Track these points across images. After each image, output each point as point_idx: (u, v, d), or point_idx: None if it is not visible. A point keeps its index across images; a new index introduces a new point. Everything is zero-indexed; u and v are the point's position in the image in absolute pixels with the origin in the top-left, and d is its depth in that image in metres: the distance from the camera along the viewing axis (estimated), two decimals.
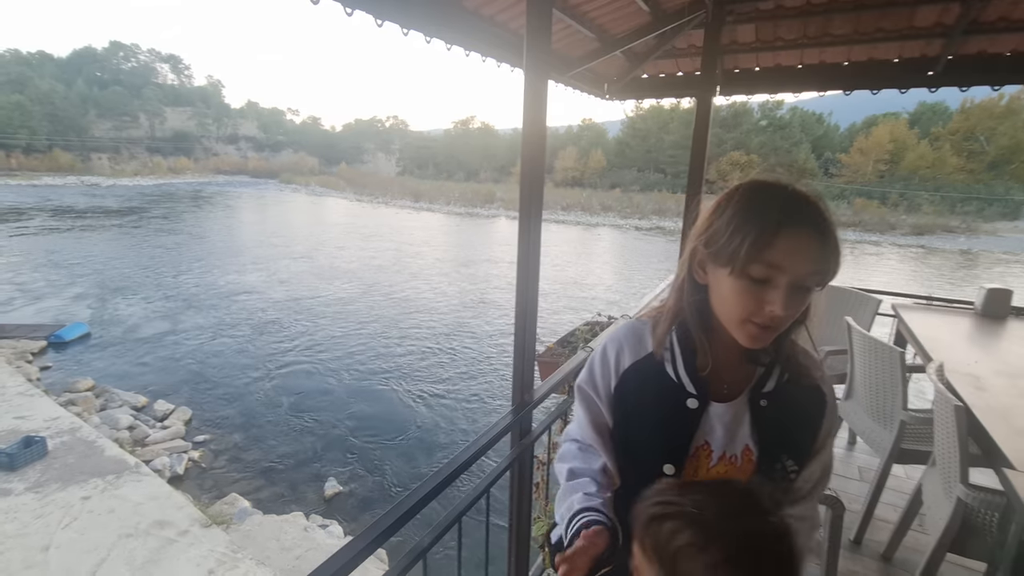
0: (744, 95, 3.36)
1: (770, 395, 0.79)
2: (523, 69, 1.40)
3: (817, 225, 0.66)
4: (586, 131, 64.00)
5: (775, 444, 0.80)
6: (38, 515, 4.92)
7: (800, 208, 0.67)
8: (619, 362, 0.85)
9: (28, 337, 9.91)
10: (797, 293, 0.68)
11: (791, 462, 0.80)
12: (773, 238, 0.65)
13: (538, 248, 1.53)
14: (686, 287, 0.78)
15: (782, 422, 0.80)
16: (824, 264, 0.67)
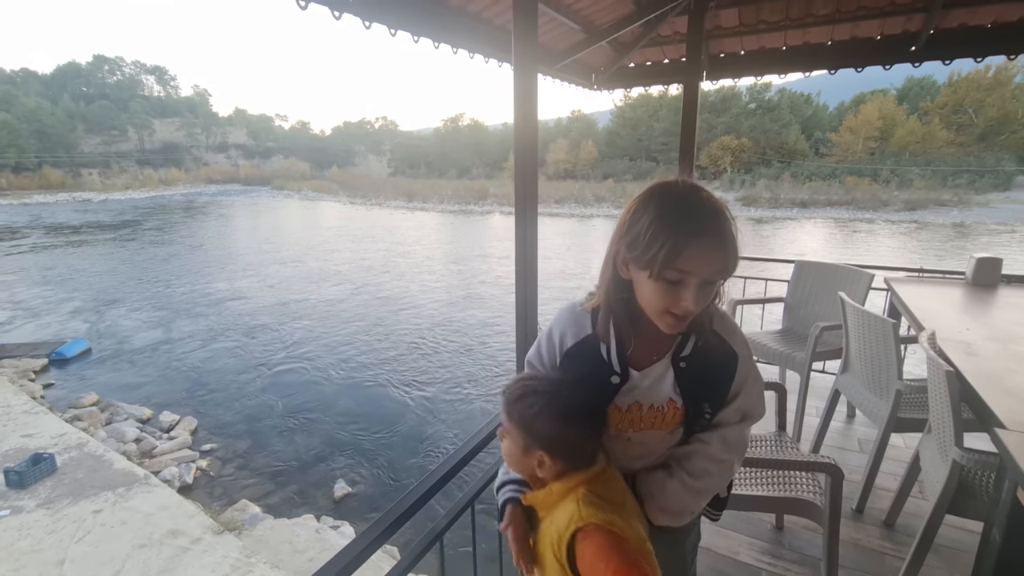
0: (730, 79, 3.39)
1: (687, 358, 0.96)
2: (512, 64, 1.42)
3: (719, 234, 0.79)
4: (576, 123, 63.89)
5: (696, 395, 0.98)
6: (51, 530, 4.95)
7: (704, 219, 0.79)
8: (563, 342, 1.02)
9: (29, 355, 9.92)
10: (705, 287, 0.81)
11: (707, 407, 0.99)
12: (683, 249, 0.77)
13: (535, 239, 1.56)
14: (613, 283, 0.92)
15: (700, 378, 0.98)
16: (725, 264, 0.80)
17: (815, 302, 3.11)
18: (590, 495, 0.83)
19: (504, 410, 0.91)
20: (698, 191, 0.81)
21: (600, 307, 0.97)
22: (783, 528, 2.08)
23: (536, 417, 0.87)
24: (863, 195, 36.63)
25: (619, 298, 0.92)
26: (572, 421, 0.87)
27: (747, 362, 1.01)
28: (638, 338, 0.96)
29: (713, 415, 1.00)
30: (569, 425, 0.87)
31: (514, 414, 0.89)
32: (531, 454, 0.88)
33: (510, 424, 0.91)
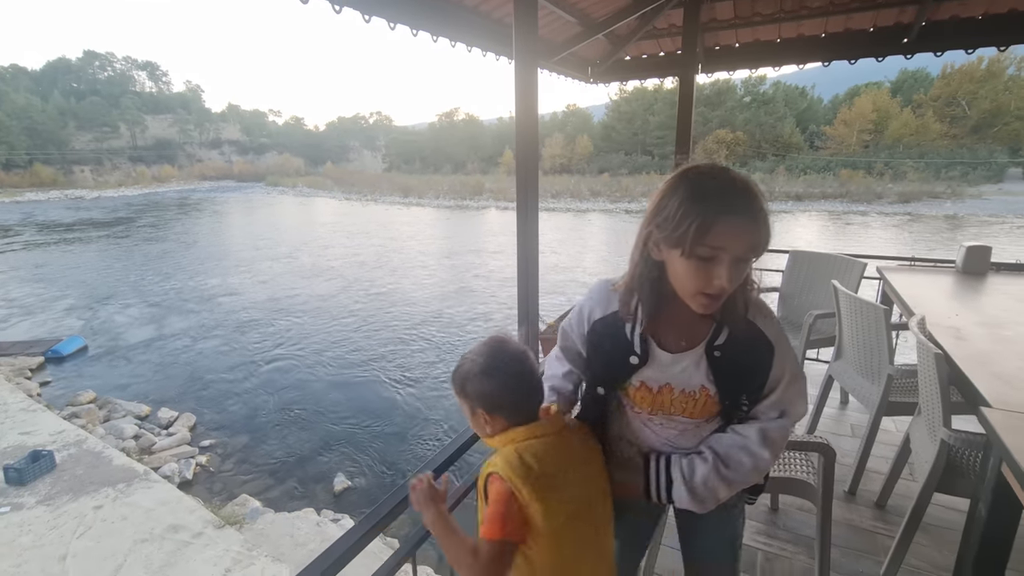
0: (726, 72, 3.41)
1: (722, 347, 0.95)
2: (512, 58, 1.44)
3: (750, 210, 0.80)
4: (571, 117, 63.80)
5: (731, 386, 0.98)
6: (52, 526, 4.96)
7: (734, 195, 0.80)
8: (591, 315, 1.06)
9: (25, 353, 9.87)
10: (738, 265, 0.81)
11: (745, 399, 0.99)
12: (714, 224, 0.78)
13: (536, 230, 1.59)
14: (641, 265, 0.93)
15: (734, 368, 0.97)
16: (757, 240, 0.80)
17: (809, 291, 3.16)
18: (518, 452, 0.94)
19: (452, 383, 1.04)
20: (728, 170, 0.83)
21: (626, 288, 0.99)
22: (778, 509, 2.14)
23: (467, 379, 0.99)
24: (857, 188, 36.82)
25: (647, 279, 0.93)
26: (498, 378, 0.97)
27: (785, 354, 0.98)
28: (669, 322, 0.97)
29: (750, 408, 1.00)
30: (496, 381, 0.97)
31: (455, 382, 1.02)
32: (476, 415, 1.01)
33: (455, 393, 1.03)
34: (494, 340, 1.03)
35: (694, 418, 1.01)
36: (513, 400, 1.00)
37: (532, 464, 0.91)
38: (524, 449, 0.94)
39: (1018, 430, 1.16)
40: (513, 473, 0.90)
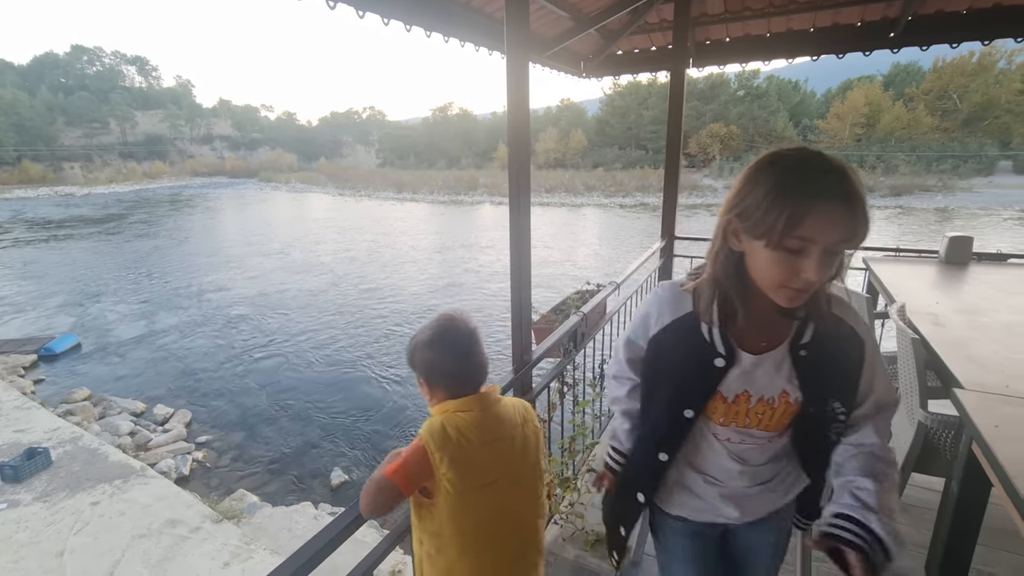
0: (716, 66, 3.45)
1: (808, 345, 0.87)
2: (504, 52, 1.47)
3: (846, 197, 0.71)
4: (565, 111, 63.66)
5: (820, 389, 0.89)
6: (49, 523, 4.98)
7: (828, 182, 0.71)
8: (659, 319, 0.96)
9: (18, 351, 9.83)
10: (829, 258, 0.74)
11: (838, 404, 0.90)
12: (805, 215, 0.70)
13: (528, 223, 1.62)
14: (722, 256, 0.85)
15: (823, 369, 0.88)
16: (853, 231, 0.72)
17: None
18: (443, 422, 1.03)
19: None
20: (819, 153, 0.75)
21: (704, 285, 0.90)
22: None
23: (415, 350, 1.10)
24: None
25: (729, 272, 0.85)
26: (440, 352, 1.07)
27: (874, 348, 0.91)
28: (749, 320, 0.87)
29: (848, 414, 0.90)
30: (438, 355, 1.06)
31: (407, 351, 1.13)
32: (421, 384, 1.12)
33: (407, 362, 1.14)
34: (444, 317, 1.11)
35: (769, 431, 0.93)
36: (452, 374, 1.08)
37: (451, 434, 1.01)
38: (449, 420, 1.03)
39: (988, 410, 1.22)
40: (431, 438, 1.01)
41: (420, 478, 1.02)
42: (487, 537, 1.07)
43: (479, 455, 1.04)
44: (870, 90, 46.30)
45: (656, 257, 3.35)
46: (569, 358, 1.98)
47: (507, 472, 1.09)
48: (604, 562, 1.99)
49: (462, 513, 1.03)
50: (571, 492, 2.12)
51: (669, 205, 3.52)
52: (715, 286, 0.88)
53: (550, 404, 2.01)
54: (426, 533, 1.07)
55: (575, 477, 2.19)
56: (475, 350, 1.10)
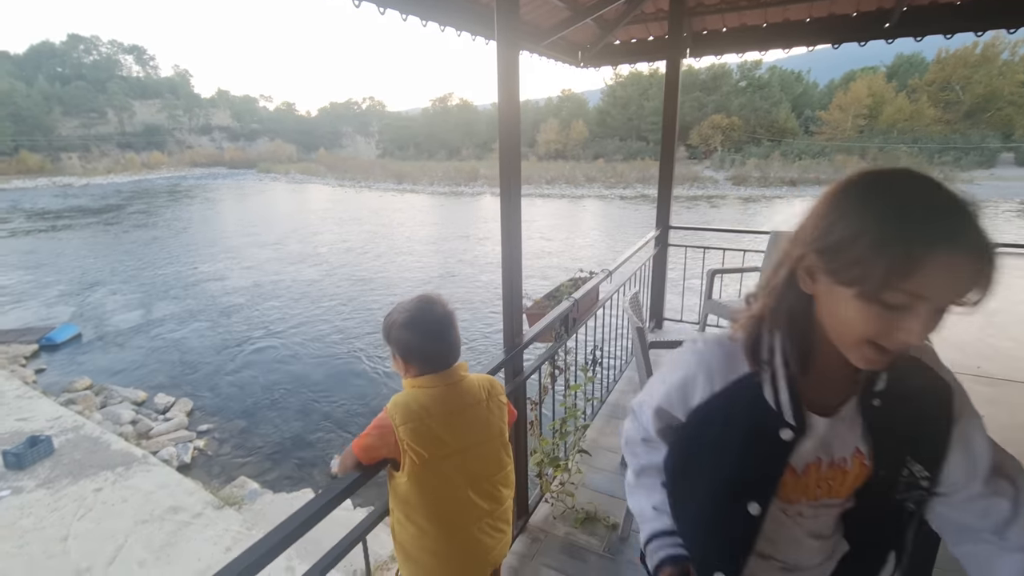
0: (713, 56, 3.45)
1: (883, 395, 0.70)
2: (495, 40, 1.49)
3: (976, 247, 0.54)
4: (566, 102, 63.32)
5: (893, 445, 0.72)
6: (53, 509, 5.05)
7: (955, 226, 0.54)
8: (708, 385, 0.77)
9: (19, 341, 9.88)
10: (937, 316, 0.57)
11: (919, 467, 0.71)
12: (920, 265, 0.53)
13: (519, 213, 1.64)
14: (786, 296, 0.68)
15: (900, 421, 0.71)
16: (978, 287, 0.54)
17: None
18: (409, 396, 1.12)
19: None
20: (935, 182, 0.57)
21: (758, 332, 0.73)
22: None
23: (391, 328, 1.17)
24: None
25: (792, 316, 0.68)
26: (416, 332, 1.13)
27: (964, 399, 0.71)
28: (812, 373, 0.71)
29: (932, 480, 0.71)
30: (413, 334, 1.13)
31: (383, 328, 1.20)
32: (395, 359, 1.18)
33: (383, 337, 1.20)
34: (422, 299, 1.17)
35: (839, 497, 0.76)
36: (425, 354, 1.16)
37: (414, 408, 1.10)
38: (415, 396, 1.12)
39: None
40: (396, 412, 1.10)
41: (378, 451, 1.12)
42: (452, 504, 1.15)
43: (441, 427, 1.11)
44: (873, 81, 46.03)
45: (651, 246, 3.38)
46: (560, 342, 2.03)
47: (471, 443, 1.16)
48: (593, 539, 2.06)
49: (427, 482, 1.11)
50: (561, 472, 2.18)
51: (664, 195, 3.54)
52: (772, 328, 0.71)
53: (541, 387, 2.07)
54: (397, 501, 1.15)
55: (566, 458, 2.24)
56: (449, 332, 1.17)
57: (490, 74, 1.50)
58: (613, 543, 2.02)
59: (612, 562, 1.95)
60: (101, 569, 4.24)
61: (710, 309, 3.07)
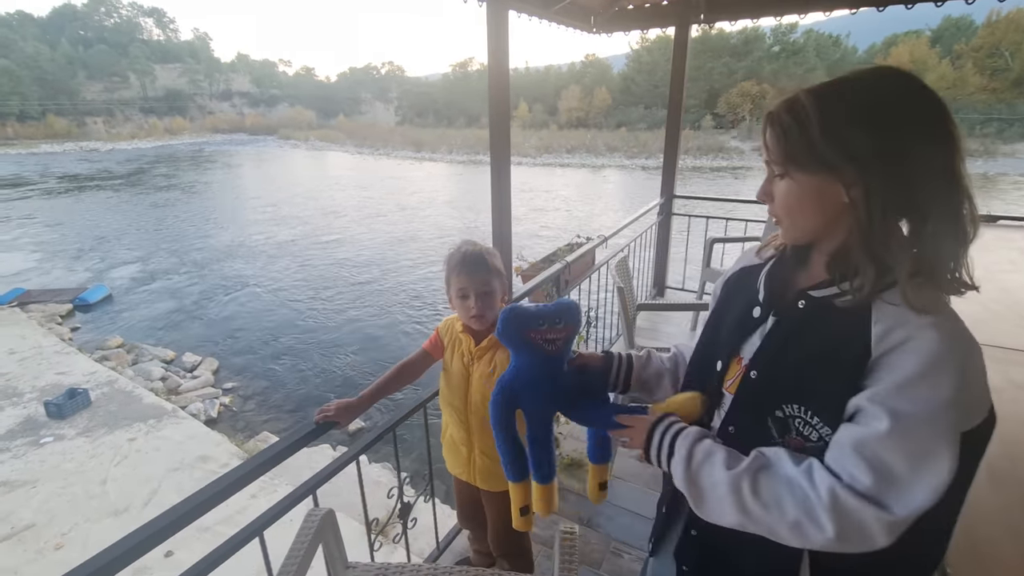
0: (728, 21, 3.36)
1: (816, 300, 0.70)
2: (484, 0, 1.49)
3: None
4: (590, 68, 61.44)
5: (775, 366, 0.71)
6: (92, 455, 5.43)
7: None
8: (734, 266, 0.91)
9: (55, 301, 10.36)
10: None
11: (799, 408, 0.67)
12: None
13: (508, 179, 1.70)
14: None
15: (806, 341, 0.69)
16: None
17: None
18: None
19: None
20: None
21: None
22: None
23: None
24: None
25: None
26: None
27: (920, 376, 0.59)
28: (810, 267, 0.75)
29: (809, 432, 0.67)
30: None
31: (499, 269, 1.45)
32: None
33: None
34: (465, 243, 1.39)
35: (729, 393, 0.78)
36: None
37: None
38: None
39: None
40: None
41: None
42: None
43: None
44: (916, 46, 43.45)
45: (655, 215, 3.39)
46: None
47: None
48: (575, 481, 2.19)
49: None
50: None
51: (669, 163, 3.53)
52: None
53: None
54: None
55: None
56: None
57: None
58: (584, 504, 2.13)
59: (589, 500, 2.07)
60: (137, 510, 4.59)
61: (708, 277, 3.10)
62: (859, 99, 0.63)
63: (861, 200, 0.63)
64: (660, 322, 3.26)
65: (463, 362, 1.42)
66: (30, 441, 5.58)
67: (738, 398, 0.76)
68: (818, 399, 0.66)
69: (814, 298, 0.70)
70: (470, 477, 1.53)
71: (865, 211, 0.63)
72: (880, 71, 0.66)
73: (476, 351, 1.39)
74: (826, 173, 0.65)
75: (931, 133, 0.62)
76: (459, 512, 1.72)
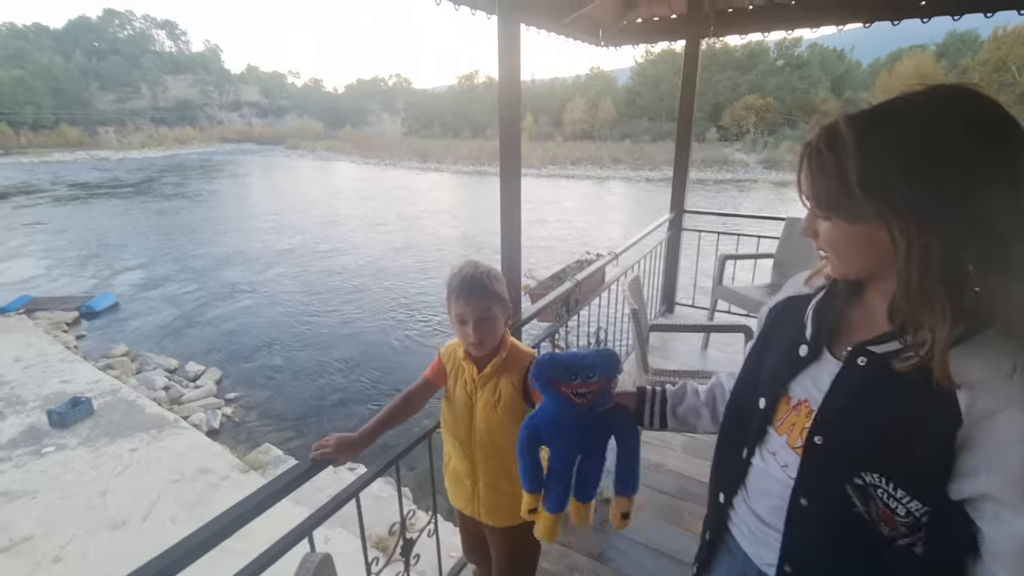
0: (738, 35, 3.34)
1: (879, 357, 0.62)
2: (496, 13, 1.47)
3: None
4: (595, 80, 61.92)
5: (849, 423, 0.64)
6: (92, 465, 5.38)
7: None
8: (781, 294, 0.85)
9: (61, 308, 10.39)
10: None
11: (878, 475, 0.60)
12: None
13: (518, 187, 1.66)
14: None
15: (878, 404, 0.61)
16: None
17: (805, 259, 3.17)
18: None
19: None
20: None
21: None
22: None
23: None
24: None
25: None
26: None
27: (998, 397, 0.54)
28: (859, 308, 0.70)
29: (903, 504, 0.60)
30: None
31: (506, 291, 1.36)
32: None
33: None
34: (467, 264, 1.32)
35: (790, 446, 0.71)
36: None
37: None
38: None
39: None
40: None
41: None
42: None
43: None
44: (921, 61, 43.55)
45: (664, 230, 3.35)
46: (561, 322, 2.06)
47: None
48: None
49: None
50: None
51: (679, 178, 3.49)
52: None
53: None
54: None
55: None
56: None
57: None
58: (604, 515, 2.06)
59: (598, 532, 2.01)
60: (137, 523, 4.53)
61: (720, 295, 3.03)
62: (909, 136, 0.56)
63: (917, 254, 0.55)
64: (670, 339, 3.19)
65: (466, 391, 1.34)
66: (32, 451, 5.54)
67: (807, 467, 0.68)
68: (902, 470, 0.60)
69: (876, 354, 0.63)
70: (474, 512, 1.45)
71: (922, 265, 0.55)
72: (940, 93, 0.57)
73: (479, 379, 1.31)
74: (872, 222, 0.59)
75: (1001, 168, 0.53)
76: (464, 546, 1.64)
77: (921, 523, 0.60)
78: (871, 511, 0.62)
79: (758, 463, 0.77)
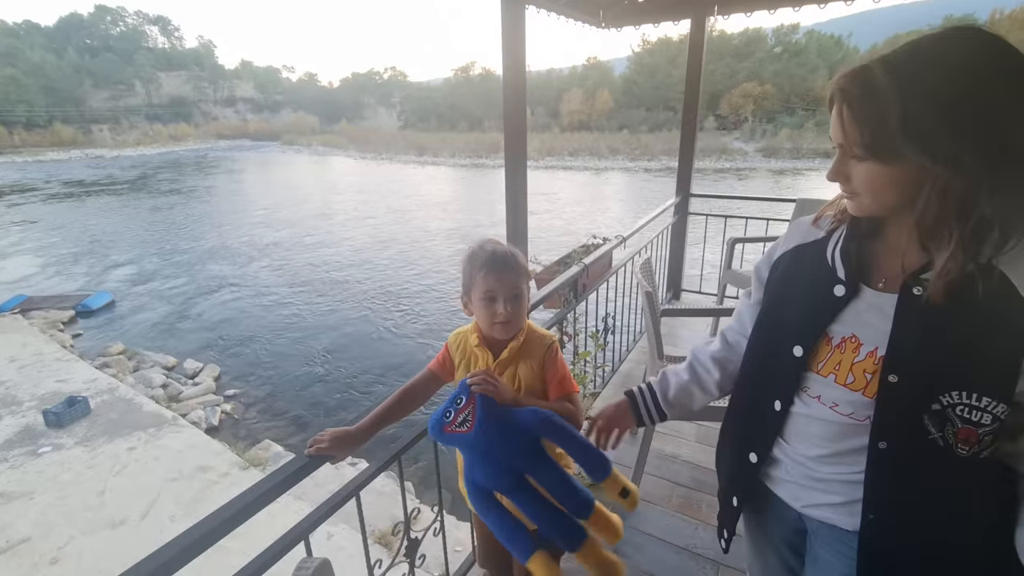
0: (743, 13, 3.23)
1: (929, 283, 0.63)
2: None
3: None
4: (591, 71, 61.52)
5: (923, 355, 0.64)
6: (90, 465, 5.32)
7: None
8: (786, 243, 0.85)
9: (57, 307, 10.29)
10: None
11: (962, 395, 0.61)
12: None
13: (524, 174, 1.58)
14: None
15: (945, 326, 0.62)
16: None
17: None
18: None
19: None
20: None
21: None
22: None
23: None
24: None
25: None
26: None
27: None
28: (881, 241, 0.72)
29: (989, 412, 0.60)
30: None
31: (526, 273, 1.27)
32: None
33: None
34: (488, 240, 1.25)
35: (844, 387, 0.71)
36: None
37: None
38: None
39: None
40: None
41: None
42: None
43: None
44: None
45: (670, 215, 3.26)
46: (569, 307, 1.98)
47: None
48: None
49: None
50: None
51: (685, 162, 3.39)
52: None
53: None
54: None
55: None
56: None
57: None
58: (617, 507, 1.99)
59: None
60: (135, 522, 4.47)
61: (729, 279, 2.95)
62: (948, 80, 0.58)
63: (965, 188, 0.58)
64: (677, 326, 3.11)
65: None
66: (28, 451, 5.47)
67: (882, 408, 0.68)
68: (984, 378, 0.61)
69: (930, 282, 0.64)
70: None
71: (969, 198, 0.59)
72: (963, 33, 0.61)
73: (496, 366, 1.19)
74: (911, 163, 0.61)
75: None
76: (480, 553, 1.54)
77: (1004, 425, 0.62)
78: (946, 435, 0.63)
79: (799, 409, 0.78)
